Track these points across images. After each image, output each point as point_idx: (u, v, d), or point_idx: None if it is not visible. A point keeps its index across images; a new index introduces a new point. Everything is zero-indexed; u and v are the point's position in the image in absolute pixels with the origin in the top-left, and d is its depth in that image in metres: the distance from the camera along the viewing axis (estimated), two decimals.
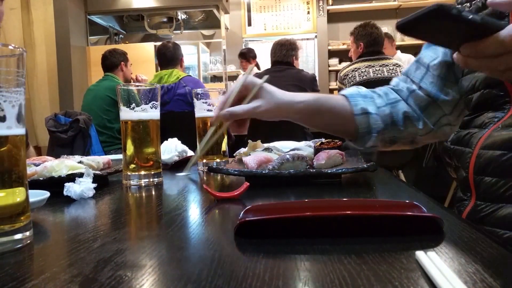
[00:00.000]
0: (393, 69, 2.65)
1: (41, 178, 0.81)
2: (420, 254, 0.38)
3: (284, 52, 2.80)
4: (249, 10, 5.80)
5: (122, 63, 3.25)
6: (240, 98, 0.82)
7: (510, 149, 0.67)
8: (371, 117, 0.87)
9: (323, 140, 1.05)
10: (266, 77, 0.84)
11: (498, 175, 0.68)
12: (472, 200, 0.73)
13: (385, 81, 0.94)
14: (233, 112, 0.79)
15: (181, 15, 4.70)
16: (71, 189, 0.75)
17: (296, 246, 0.45)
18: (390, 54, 4.03)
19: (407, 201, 0.53)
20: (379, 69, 2.65)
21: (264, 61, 4.94)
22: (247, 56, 4.74)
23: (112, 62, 3.24)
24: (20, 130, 0.48)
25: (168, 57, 2.87)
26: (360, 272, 0.36)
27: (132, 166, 0.90)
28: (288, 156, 0.85)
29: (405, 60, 4.05)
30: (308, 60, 5.75)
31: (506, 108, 0.72)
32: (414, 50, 5.57)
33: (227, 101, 0.81)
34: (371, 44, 2.74)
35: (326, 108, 0.88)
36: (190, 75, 3.14)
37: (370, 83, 2.62)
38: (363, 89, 0.93)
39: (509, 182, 0.66)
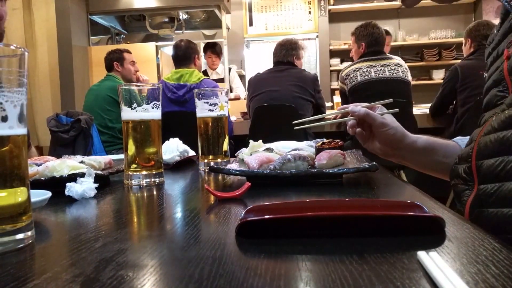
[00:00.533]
0: (394, 69, 2.64)
1: (42, 178, 0.82)
2: (421, 254, 0.38)
3: (284, 52, 2.80)
4: (250, 10, 5.79)
5: (115, 63, 3.21)
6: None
7: (505, 128, 0.69)
8: None
9: (325, 140, 1.05)
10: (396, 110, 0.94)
11: (496, 154, 0.70)
12: (475, 188, 0.74)
13: (387, 81, 0.94)
14: (367, 111, 0.88)
15: (182, 15, 4.70)
16: (73, 189, 0.75)
17: (298, 246, 0.45)
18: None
19: (408, 201, 0.53)
20: (380, 69, 2.65)
21: (266, 61, 4.93)
22: (217, 50, 4.57)
23: (107, 63, 3.23)
24: (21, 130, 0.48)
25: (179, 57, 2.85)
26: (361, 272, 0.36)
27: (134, 166, 0.90)
28: (289, 156, 0.85)
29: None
30: (309, 60, 5.75)
31: (504, 102, 0.73)
32: (415, 50, 5.58)
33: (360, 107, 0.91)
34: (372, 44, 2.74)
35: (439, 145, 0.90)
36: (208, 77, 3.13)
37: (372, 83, 2.61)
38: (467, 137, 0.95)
39: (506, 159, 0.67)
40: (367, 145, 0.93)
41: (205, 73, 4.69)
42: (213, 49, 4.63)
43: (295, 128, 1.00)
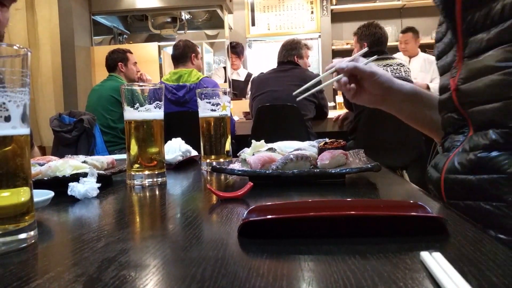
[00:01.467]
0: (397, 68, 2.64)
1: (45, 178, 0.82)
2: (424, 255, 0.38)
3: (285, 52, 2.81)
4: (252, 10, 5.79)
5: (120, 63, 3.20)
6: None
7: (471, 173, 0.69)
8: None
9: (327, 140, 1.05)
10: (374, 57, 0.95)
11: (467, 198, 0.70)
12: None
13: None
14: (355, 65, 0.88)
15: (185, 15, 4.70)
16: (75, 188, 0.75)
17: (300, 247, 0.45)
18: (413, 51, 4.03)
19: (411, 201, 0.53)
20: (382, 69, 2.65)
21: (268, 61, 4.93)
22: (237, 50, 4.68)
23: (110, 63, 3.23)
24: (24, 130, 0.48)
25: (176, 56, 2.87)
26: (364, 273, 0.36)
27: (136, 166, 0.91)
28: (291, 156, 0.85)
29: (426, 58, 4.05)
30: (312, 60, 5.74)
31: (466, 132, 0.74)
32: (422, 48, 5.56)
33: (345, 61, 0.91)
34: (374, 44, 2.73)
35: (424, 94, 0.91)
36: (208, 76, 3.13)
37: None
38: None
39: (478, 204, 0.68)
40: (356, 99, 0.92)
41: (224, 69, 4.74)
42: (233, 49, 4.67)
43: (297, 99, 0.99)
